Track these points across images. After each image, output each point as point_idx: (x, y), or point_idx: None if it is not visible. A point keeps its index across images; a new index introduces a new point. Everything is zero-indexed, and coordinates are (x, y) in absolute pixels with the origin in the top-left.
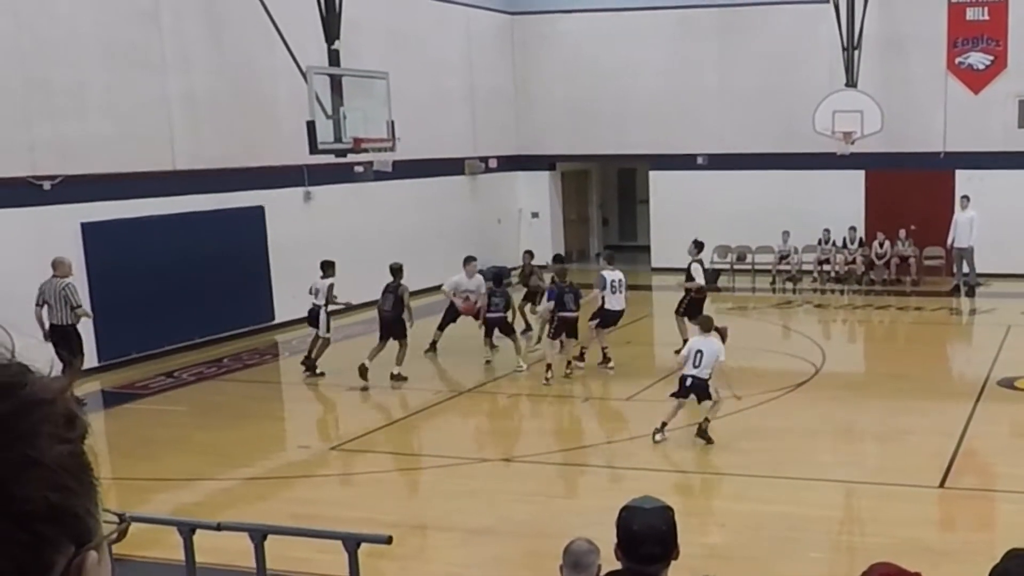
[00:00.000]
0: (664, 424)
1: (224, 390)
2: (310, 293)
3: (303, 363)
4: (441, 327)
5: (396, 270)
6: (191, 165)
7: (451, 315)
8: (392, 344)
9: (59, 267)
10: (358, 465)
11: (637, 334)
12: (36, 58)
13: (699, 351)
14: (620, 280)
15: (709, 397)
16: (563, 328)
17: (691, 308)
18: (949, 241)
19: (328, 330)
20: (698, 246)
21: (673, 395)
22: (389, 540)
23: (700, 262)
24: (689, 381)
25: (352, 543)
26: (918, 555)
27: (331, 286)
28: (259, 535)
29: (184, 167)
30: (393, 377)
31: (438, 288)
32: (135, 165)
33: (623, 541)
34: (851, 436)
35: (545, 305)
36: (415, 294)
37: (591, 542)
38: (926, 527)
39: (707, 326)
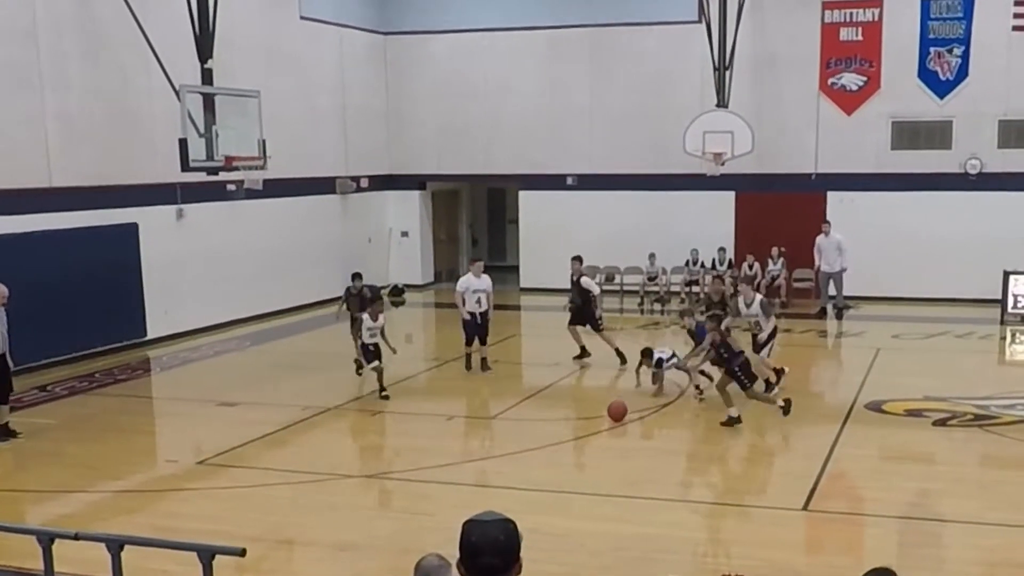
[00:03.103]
0: None
1: (96, 404)
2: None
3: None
4: (469, 342)
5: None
6: (67, 182)
7: (470, 328)
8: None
9: None
10: (224, 480)
11: (505, 353)
12: None
13: None
14: None
15: None
16: None
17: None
18: (816, 264)
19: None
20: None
21: None
22: (243, 552)
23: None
24: None
25: (206, 555)
26: None
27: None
28: (116, 545)
29: (60, 184)
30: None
31: (311, 305)
32: (11, 182)
33: (463, 554)
34: (715, 457)
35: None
36: (286, 311)
37: (442, 557)
38: (789, 550)
39: None
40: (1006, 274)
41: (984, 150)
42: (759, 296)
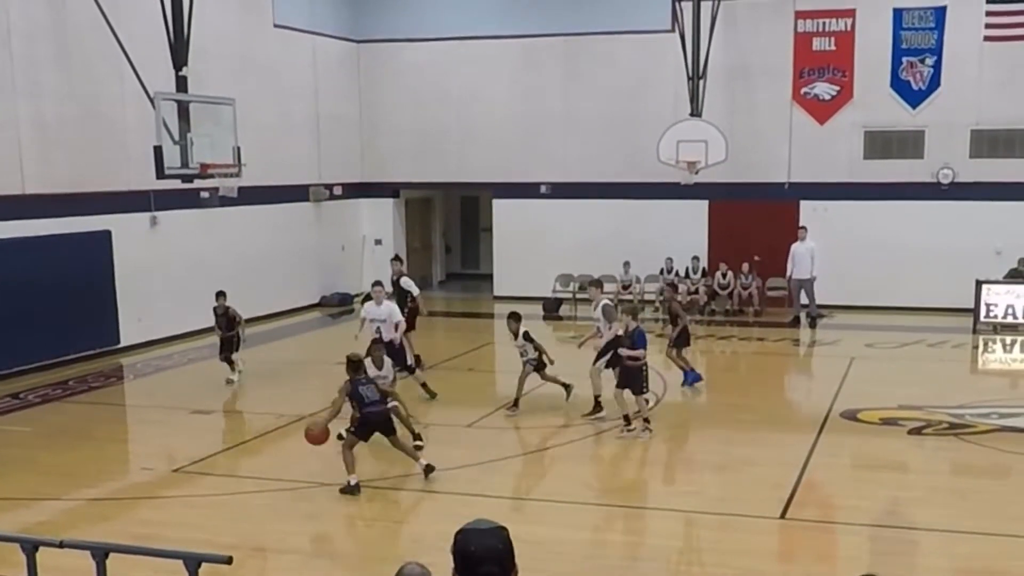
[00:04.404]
0: None
1: (69, 412)
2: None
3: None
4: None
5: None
6: (40, 189)
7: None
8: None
9: None
10: (200, 487)
11: (479, 361)
12: None
13: None
14: None
15: None
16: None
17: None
18: (788, 272)
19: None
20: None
21: None
22: (229, 560)
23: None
24: None
25: (193, 563)
26: None
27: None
28: (101, 553)
29: (33, 191)
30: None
31: (285, 313)
32: None
33: (460, 564)
34: (692, 466)
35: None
36: (260, 319)
37: (423, 566)
38: (766, 558)
39: None
40: (978, 283)
41: (956, 160)
42: (605, 299)
